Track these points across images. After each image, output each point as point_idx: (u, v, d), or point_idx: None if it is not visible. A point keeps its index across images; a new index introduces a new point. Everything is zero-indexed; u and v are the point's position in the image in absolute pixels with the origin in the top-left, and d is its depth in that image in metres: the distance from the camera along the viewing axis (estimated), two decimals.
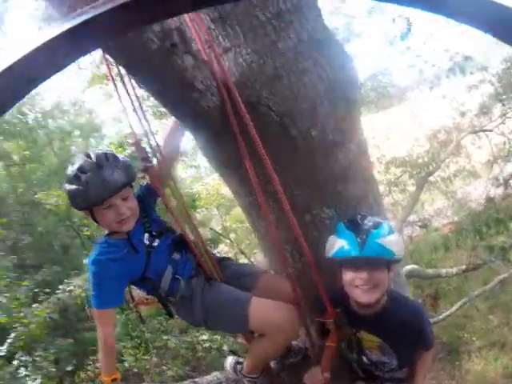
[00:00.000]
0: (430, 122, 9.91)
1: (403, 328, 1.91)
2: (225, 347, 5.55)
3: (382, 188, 9.00)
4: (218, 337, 5.71)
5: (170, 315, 2.20)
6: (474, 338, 7.03)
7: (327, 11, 8.66)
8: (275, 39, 1.91)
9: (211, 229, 8.05)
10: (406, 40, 8.41)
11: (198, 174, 8.96)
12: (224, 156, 1.99)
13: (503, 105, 8.96)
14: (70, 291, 5.97)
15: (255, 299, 2.00)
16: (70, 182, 1.81)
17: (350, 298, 1.90)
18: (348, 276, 1.80)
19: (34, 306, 5.99)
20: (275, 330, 2.00)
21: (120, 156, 1.92)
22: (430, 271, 7.30)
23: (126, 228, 1.91)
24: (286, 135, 1.85)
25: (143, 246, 1.99)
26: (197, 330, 5.96)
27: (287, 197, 1.83)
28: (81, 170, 1.79)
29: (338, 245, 1.78)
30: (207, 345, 5.74)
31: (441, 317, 6.24)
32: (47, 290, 6.38)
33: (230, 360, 2.52)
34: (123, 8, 0.40)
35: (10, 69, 0.39)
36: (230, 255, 8.03)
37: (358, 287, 1.79)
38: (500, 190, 8.92)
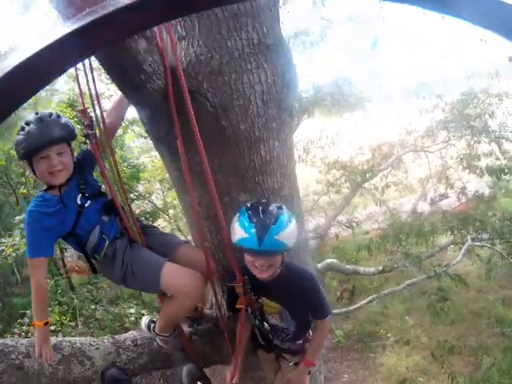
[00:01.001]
0: (378, 134, 10.56)
1: (298, 293, 2.24)
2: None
3: (320, 187, 9.63)
4: (145, 311, 5.88)
5: (94, 271, 2.44)
6: (389, 335, 7.72)
7: (305, 10, 8.93)
8: (226, 37, 2.14)
9: (151, 202, 8.11)
10: (373, 51, 8.92)
11: (147, 145, 8.96)
12: (161, 133, 2.21)
13: (449, 132, 9.73)
14: (2, 251, 5.86)
15: (168, 264, 2.27)
16: (17, 133, 2.09)
17: None
18: (248, 258, 2.11)
19: None
20: (182, 293, 2.29)
21: (64, 117, 2.16)
22: (349, 267, 7.91)
23: (58, 180, 2.13)
24: (217, 125, 2.11)
25: (75, 204, 2.21)
26: (125, 301, 6.11)
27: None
28: (26, 122, 2.07)
29: (240, 235, 2.03)
30: (133, 318, 5.87)
31: (351, 308, 6.88)
32: None
33: (144, 319, 2.81)
34: (134, 8, 0.40)
35: (18, 68, 0.39)
36: (167, 230, 8.14)
37: (257, 267, 2.11)
38: (428, 207, 9.75)
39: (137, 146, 9.35)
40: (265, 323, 2.47)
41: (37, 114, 2.09)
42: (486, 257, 7.91)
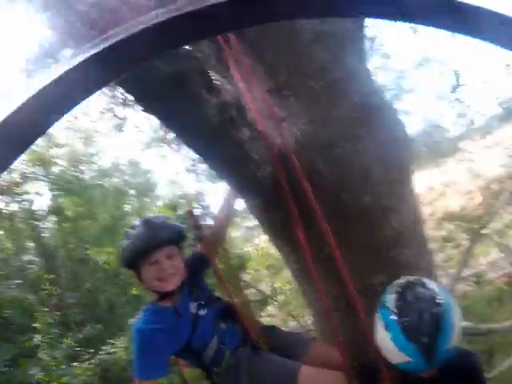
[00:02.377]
0: (484, 171, 9.66)
1: (463, 379, 1.80)
2: None
3: (434, 245, 8.76)
4: None
5: None
6: None
7: (374, 67, 8.90)
8: (329, 108, 1.97)
9: (259, 290, 7.86)
10: (456, 92, 8.45)
11: (249, 234, 9.02)
12: (276, 224, 2.02)
13: None
14: (114, 353, 5.87)
15: (304, 368, 1.95)
16: (123, 239, 1.95)
17: None
18: None
19: (74, 364, 5.91)
20: None
21: (172, 220, 2.02)
22: (483, 327, 6.97)
23: (169, 286, 1.91)
24: (338, 202, 1.87)
25: (190, 314, 1.97)
26: None
27: None
28: (132, 226, 1.94)
29: (401, 359, 1.62)
30: None
31: (496, 371, 5.79)
32: (91, 350, 6.32)
33: None
34: (151, 31, 0.40)
35: (33, 99, 0.38)
36: (278, 318, 7.85)
37: None
38: None
39: (238, 236, 9.44)
40: None
41: (142, 218, 2.00)
42: None
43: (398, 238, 2.00)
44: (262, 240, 8.30)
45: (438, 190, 8.81)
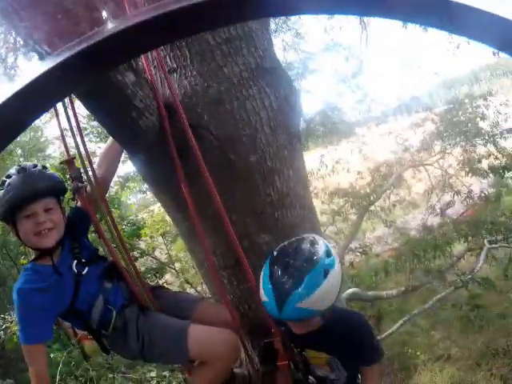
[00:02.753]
0: (375, 156, 10.45)
1: (347, 338, 1.89)
2: None
3: (325, 217, 9.39)
4: (167, 373, 5.45)
5: (105, 351, 2.06)
6: (419, 353, 7.36)
7: (285, 45, 9.12)
8: (222, 64, 1.95)
9: (154, 258, 7.75)
10: (357, 79, 9.10)
11: (145, 201, 8.69)
12: (161, 180, 1.95)
13: (443, 141, 9.64)
14: (7, 328, 5.51)
15: (193, 326, 1.94)
16: None
17: None
18: None
19: None
20: (216, 356, 1.95)
21: (52, 171, 1.88)
22: (371, 293, 7.62)
23: (47, 242, 1.80)
24: (225, 159, 1.86)
25: (71, 273, 1.87)
26: (143, 365, 5.71)
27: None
28: (7, 175, 1.79)
29: (262, 296, 1.69)
30: (155, 382, 5.44)
31: (383, 335, 6.46)
32: None
33: None
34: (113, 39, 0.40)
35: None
36: (175, 285, 7.79)
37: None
38: (437, 219, 9.50)
39: (134, 202, 9.10)
40: (310, 377, 2.08)
41: (19, 165, 1.82)
42: (501, 257, 7.71)
43: (282, 200, 2.04)
44: (158, 206, 8.16)
45: (329, 167, 9.38)
